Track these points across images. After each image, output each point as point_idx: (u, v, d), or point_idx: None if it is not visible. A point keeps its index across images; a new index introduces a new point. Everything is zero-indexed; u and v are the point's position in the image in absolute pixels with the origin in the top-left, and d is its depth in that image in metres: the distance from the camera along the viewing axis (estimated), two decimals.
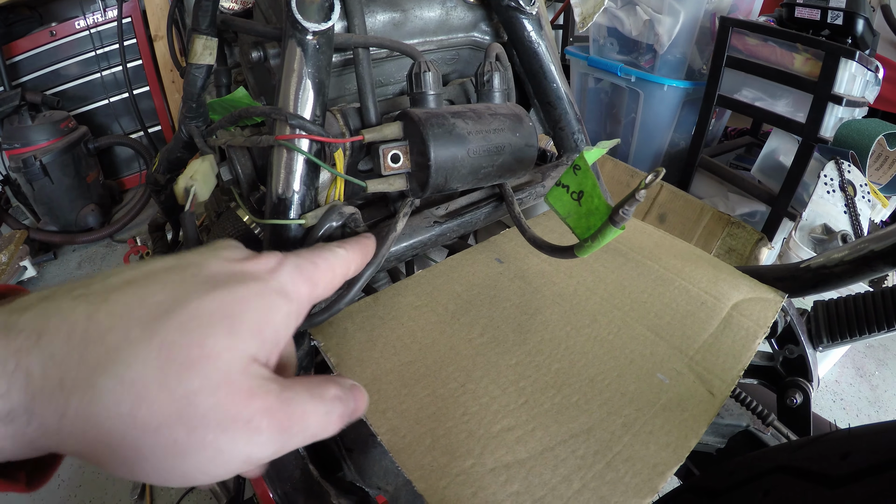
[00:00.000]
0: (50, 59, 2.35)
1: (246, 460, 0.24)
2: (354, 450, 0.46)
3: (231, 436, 0.24)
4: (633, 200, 0.35)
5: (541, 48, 0.63)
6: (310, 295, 0.32)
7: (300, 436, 0.26)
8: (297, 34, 0.47)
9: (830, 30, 1.45)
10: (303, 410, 0.26)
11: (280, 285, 0.29)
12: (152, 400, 0.23)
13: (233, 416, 0.24)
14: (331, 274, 0.34)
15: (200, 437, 0.23)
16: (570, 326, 0.46)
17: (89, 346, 0.23)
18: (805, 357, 0.54)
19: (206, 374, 0.24)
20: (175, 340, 0.24)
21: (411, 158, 0.49)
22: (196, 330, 0.24)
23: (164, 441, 0.23)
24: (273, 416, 0.25)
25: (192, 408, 0.23)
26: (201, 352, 0.24)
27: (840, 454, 0.31)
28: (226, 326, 0.25)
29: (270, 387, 0.26)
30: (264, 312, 0.27)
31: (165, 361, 0.23)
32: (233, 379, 0.24)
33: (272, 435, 0.25)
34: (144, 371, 0.23)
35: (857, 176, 1.35)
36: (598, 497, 0.32)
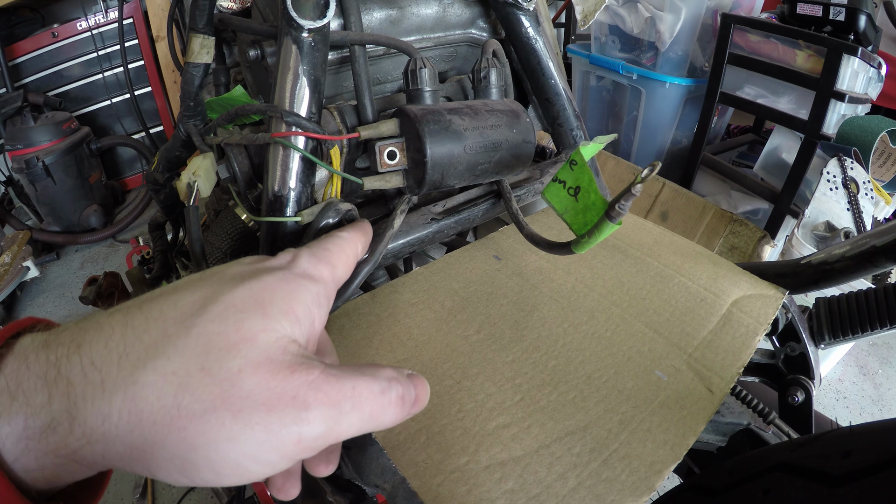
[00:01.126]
0: (52, 61, 2.36)
1: (298, 440, 0.23)
2: (352, 447, 0.46)
3: (278, 414, 0.23)
4: (629, 195, 0.34)
5: (538, 44, 0.62)
6: (332, 276, 0.32)
7: (354, 414, 0.25)
8: (293, 32, 0.47)
9: (832, 26, 1.44)
10: (353, 385, 0.25)
11: (302, 270, 0.30)
12: (195, 387, 0.23)
13: (278, 393, 0.23)
14: (344, 255, 0.35)
15: (247, 418, 0.22)
16: (567, 323, 0.45)
17: (128, 347, 0.24)
18: (807, 354, 0.54)
19: (245, 355, 0.24)
20: (212, 330, 0.24)
21: (408, 155, 0.48)
22: (231, 317, 0.25)
23: (212, 426, 0.22)
24: (319, 389, 0.24)
25: (235, 389, 0.23)
26: (238, 336, 0.24)
27: (841, 452, 0.31)
28: (259, 310, 0.26)
29: (313, 363, 0.25)
30: (293, 294, 0.28)
31: (204, 349, 0.23)
32: (273, 357, 0.24)
33: (321, 410, 0.24)
34: (184, 361, 0.23)
35: (860, 173, 1.34)
36: (594, 495, 0.32)
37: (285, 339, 0.25)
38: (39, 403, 0.22)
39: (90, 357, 0.23)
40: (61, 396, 0.22)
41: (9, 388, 0.22)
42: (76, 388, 0.22)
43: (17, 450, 0.22)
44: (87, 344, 0.24)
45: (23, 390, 0.22)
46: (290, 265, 0.30)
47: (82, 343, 0.24)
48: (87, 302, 1.01)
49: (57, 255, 2.28)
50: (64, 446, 0.22)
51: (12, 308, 1.99)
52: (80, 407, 0.22)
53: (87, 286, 1.02)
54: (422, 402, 0.29)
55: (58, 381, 0.23)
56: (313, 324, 0.28)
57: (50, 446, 0.22)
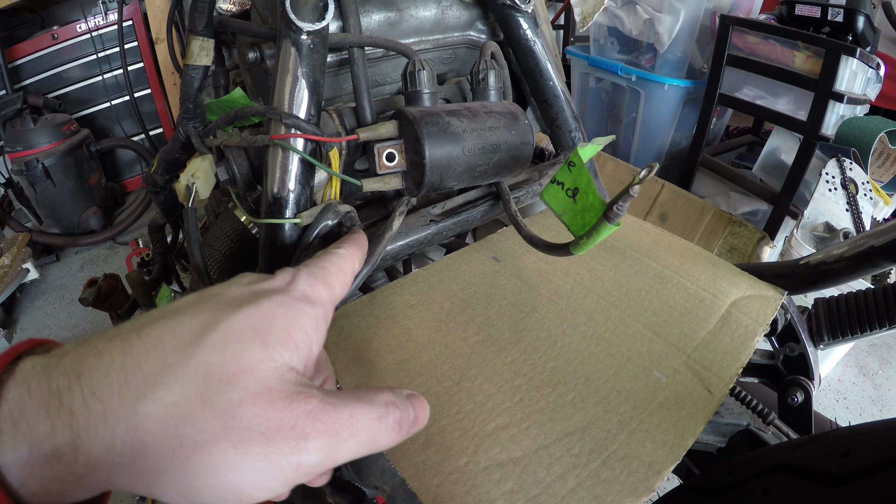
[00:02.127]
0: (52, 63, 2.36)
1: (296, 468, 0.24)
2: None
3: (278, 444, 0.23)
4: (627, 196, 0.34)
5: (537, 46, 0.63)
6: (330, 296, 0.32)
7: (352, 441, 0.26)
8: (292, 34, 0.47)
9: (831, 27, 1.44)
10: (350, 414, 0.26)
11: (301, 293, 0.30)
12: (196, 417, 0.23)
13: (276, 424, 0.24)
14: (342, 273, 0.35)
15: (247, 449, 0.23)
16: (566, 324, 0.45)
17: (128, 378, 0.24)
18: (806, 355, 0.54)
19: (244, 387, 0.24)
20: (211, 360, 0.25)
21: (406, 157, 0.48)
22: (230, 347, 0.25)
23: (214, 457, 0.23)
24: (317, 419, 0.25)
25: (235, 420, 0.23)
26: (237, 367, 0.25)
27: (841, 452, 0.31)
28: (258, 339, 0.26)
29: (311, 392, 0.26)
30: (292, 319, 0.28)
31: (204, 380, 0.24)
32: (272, 387, 0.25)
33: (319, 440, 0.24)
34: (185, 392, 0.24)
35: (859, 173, 1.34)
36: (593, 496, 0.32)
37: (283, 367, 0.26)
38: (43, 433, 0.23)
39: (91, 387, 0.23)
40: (64, 427, 0.23)
41: (12, 415, 0.23)
42: (79, 420, 0.23)
43: (23, 476, 0.23)
44: (87, 373, 0.24)
45: (26, 419, 0.23)
46: (288, 288, 0.30)
47: (82, 372, 0.24)
48: (87, 304, 1.01)
49: (56, 257, 2.28)
50: (69, 473, 0.23)
51: (12, 310, 1.99)
52: (84, 438, 0.23)
53: (86, 288, 1.02)
54: (420, 422, 0.29)
55: (60, 411, 0.23)
56: (311, 348, 0.29)
57: (55, 474, 0.23)
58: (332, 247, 0.38)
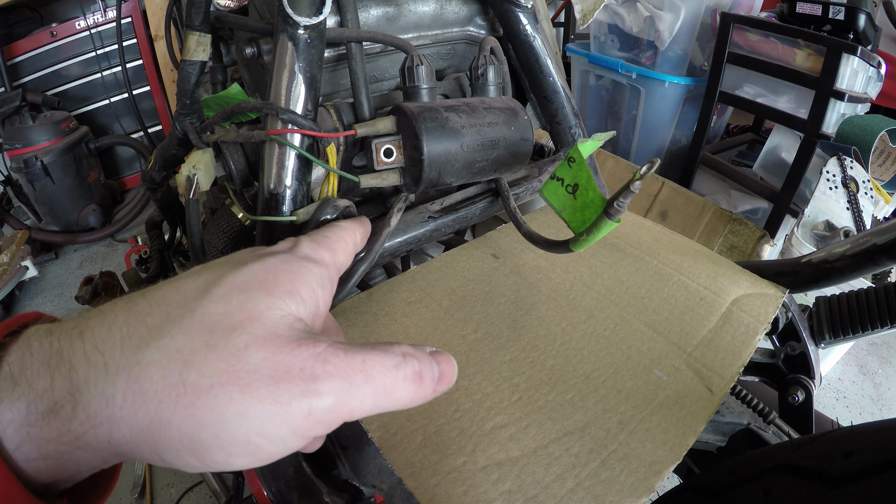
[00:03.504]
0: (51, 60, 2.36)
1: (308, 413, 0.23)
2: (349, 447, 0.46)
3: (287, 386, 0.22)
4: (627, 192, 0.34)
5: (536, 42, 0.62)
6: (333, 260, 0.32)
7: (366, 387, 0.24)
8: (289, 29, 0.46)
9: (832, 25, 1.44)
10: (363, 359, 0.24)
11: (304, 253, 0.30)
12: (200, 363, 0.22)
13: (285, 366, 0.23)
14: (343, 242, 0.35)
15: (255, 392, 0.22)
16: (565, 322, 0.45)
17: (131, 330, 0.23)
18: (807, 354, 0.53)
19: (251, 332, 0.23)
20: (216, 310, 0.24)
21: (404, 153, 0.48)
22: (235, 298, 0.25)
23: (220, 402, 0.22)
24: (327, 361, 0.24)
25: (242, 363, 0.22)
26: (243, 315, 0.24)
27: (842, 453, 0.30)
28: (263, 290, 0.26)
29: (320, 338, 0.25)
30: (296, 274, 0.28)
31: (209, 328, 0.23)
32: (279, 333, 0.24)
33: (331, 382, 0.23)
34: (189, 339, 0.23)
35: (860, 172, 1.33)
36: (593, 496, 0.32)
37: (291, 317, 0.25)
38: (42, 388, 0.22)
39: (93, 341, 0.23)
40: (63, 380, 0.22)
41: (12, 374, 0.22)
42: (79, 372, 0.22)
43: (19, 437, 0.22)
44: (90, 330, 0.23)
45: (25, 377, 0.22)
46: (291, 249, 0.30)
47: (85, 329, 0.23)
48: (83, 301, 1.00)
49: (55, 255, 2.28)
50: (67, 432, 0.22)
51: (11, 308, 1.98)
52: (83, 390, 0.22)
53: (83, 285, 1.01)
54: (447, 378, 0.28)
55: (60, 366, 0.22)
56: (318, 305, 0.28)
57: (53, 433, 0.22)
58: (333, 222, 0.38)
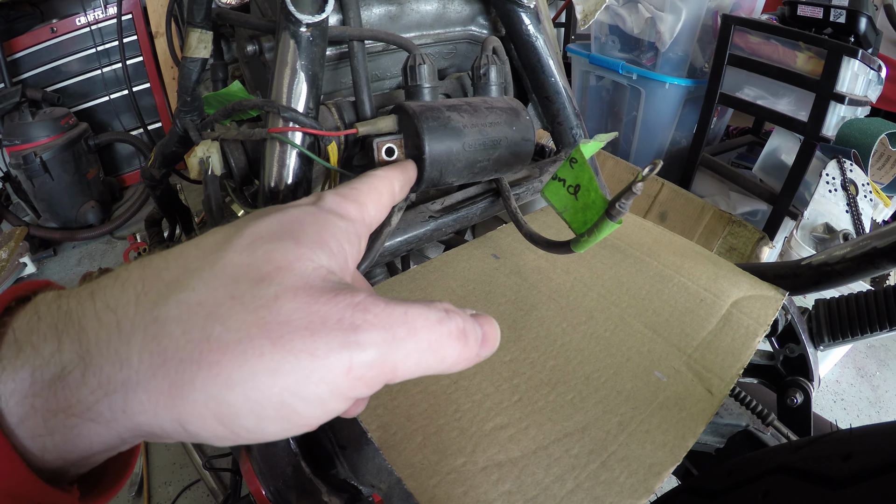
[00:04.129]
0: (51, 56, 2.35)
1: (349, 369, 0.20)
2: (348, 447, 0.46)
3: (324, 338, 0.20)
4: (629, 193, 0.34)
5: (539, 42, 0.62)
6: (360, 214, 0.29)
7: (410, 341, 0.22)
8: (291, 26, 0.46)
9: (833, 28, 1.44)
10: (405, 311, 0.22)
11: (328, 207, 0.27)
12: (226, 316, 0.20)
13: (322, 316, 0.20)
14: (375, 193, 0.31)
15: (289, 345, 0.20)
16: (566, 323, 0.45)
17: (146, 286, 0.21)
18: (806, 356, 0.53)
19: (281, 282, 0.21)
20: (240, 261, 0.22)
21: (406, 152, 0.48)
22: (260, 248, 0.22)
23: (249, 357, 0.19)
24: (368, 311, 0.21)
25: (273, 314, 0.20)
26: (271, 265, 0.22)
27: (842, 455, 0.30)
28: (291, 239, 0.23)
29: (358, 289, 0.22)
30: (323, 226, 0.25)
31: (233, 279, 0.21)
32: (312, 284, 0.21)
33: (372, 332, 0.21)
34: (211, 292, 0.21)
35: (860, 175, 1.34)
36: (593, 497, 0.32)
37: (323, 268, 0.23)
38: (49, 353, 0.20)
39: (105, 300, 0.21)
40: (72, 343, 0.20)
41: (17, 340, 0.20)
42: (89, 334, 0.20)
43: (23, 410, 0.20)
44: (101, 290, 0.21)
45: (31, 342, 0.20)
46: (315, 202, 0.28)
47: (96, 290, 0.21)
48: None
49: (54, 252, 2.27)
50: (77, 402, 0.20)
51: None
52: (94, 353, 0.20)
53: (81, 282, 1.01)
54: (491, 342, 0.25)
55: (69, 327, 0.20)
56: (346, 260, 0.26)
57: (60, 404, 0.20)
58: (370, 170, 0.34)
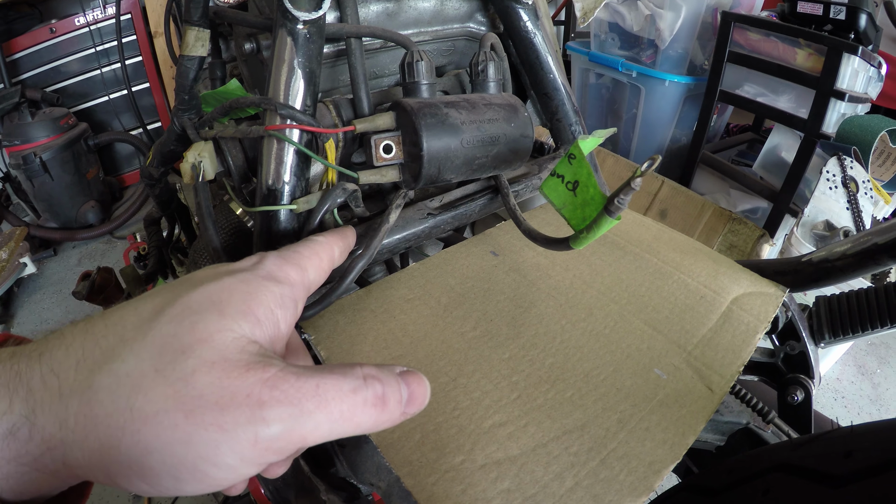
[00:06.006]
0: (50, 56, 2.35)
1: (254, 442, 0.22)
2: (347, 445, 0.46)
3: (232, 414, 0.22)
4: (628, 189, 0.34)
5: (537, 38, 0.62)
6: (301, 278, 0.31)
7: (319, 414, 0.23)
8: (288, 23, 0.46)
9: (833, 25, 1.44)
10: (317, 384, 0.24)
11: (266, 272, 0.29)
12: (148, 388, 0.22)
13: (231, 392, 0.22)
14: (316, 258, 0.34)
15: (199, 419, 0.22)
16: (565, 320, 0.45)
17: (86, 353, 0.24)
18: (806, 353, 0.53)
19: (199, 356, 0.23)
20: (167, 332, 0.24)
21: (404, 149, 0.48)
22: (187, 319, 0.25)
23: (165, 428, 0.22)
24: (276, 387, 0.23)
25: (187, 388, 0.22)
26: (193, 337, 0.24)
27: (843, 453, 0.30)
28: (215, 310, 0.25)
29: (272, 362, 0.24)
30: (252, 294, 0.27)
31: (159, 352, 0.23)
32: (228, 357, 0.24)
33: (278, 409, 0.22)
34: (138, 363, 0.23)
35: (860, 172, 1.33)
36: (592, 495, 0.31)
37: (243, 339, 0.25)
38: (1, 411, 0.22)
39: (50, 364, 0.23)
40: (21, 403, 0.22)
41: None
42: (35, 395, 0.23)
43: None
44: (48, 352, 0.24)
45: None
46: (253, 267, 0.30)
47: (44, 352, 0.24)
48: (80, 297, 1.00)
49: (54, 252, 2.27)
50: (25, 453, 0.22)
51: (9, 305, 1.98)
52: (39, 413, 0.22)
53: (80, 281, 1.01)
54: (417, 401, 0.27)
55: (19, 388, 0.23)
56: (278, 326, 0.28)
57: (11, 453, 0.22)
58: (312, 235, 0.37)
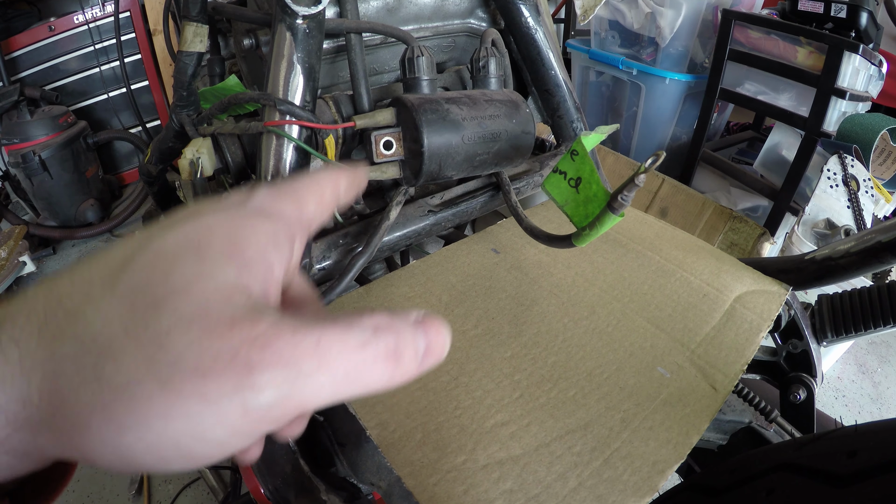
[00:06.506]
0: (48, 54, 2.34)
1: (244, 413, 0.19)
2: (347, 444, 0.45)
3: (215, 381, 0.18)
4: (632, 185, 0.33)
5: (538, 34, 0.61)
6: (297, 213, 0.26)
7: (321, 375, 0.19)
8: (287, 18, 0.45)
9: (834, 23, 1.43)
10: (317, 340, 0.20)
11: (255, 207, 0.25)
12: (118, 353, 0.19)
13: (212, 355, 0.19)
14: (317, 189, 0.28)
15: (178, 389, 0.18)
16: (567, 318, 0.44)
17: (48, 316, 0.20)
18: (809, 352, 0.53)
19: (175, 311, 0.19)
20: (138, 283, 0.20)
21: (404, 145, 0.47)
22: (159, 266, 0.20)
23: (138, 401, 0.18)
24: (267, 346, 0.19)
25: (162, 353, 0.19)
26: (167, 288, 0.20)
27: (847, 452, 0.30)
28: (193, 254, 0.21)
29: (262, 315, 0.20)
30: (237, 231, 0.23)
31: (129, 309, 0.19)
32: (210, 311, 0.20)
33: (270, 373, 0.19)
34: (106, 325, 0.19)
35: (861, 170, 1.33)
36: (595, 496, 0.31)
37: (228, 287, 0.21)
38: None
39: (10, 334, 0.20)
40: None
41: None
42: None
43: None
44: (9, 319, 0.20)
45: None
46: (239, 203, 0.25)
47: (5, 319, 0.20)
48: None
49: (53, 250, 2.26)
50: None
51: None
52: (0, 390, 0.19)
53: None
54: (436, 352, 0.22)
55: None
56: (270, 269, 0.23)
57: None
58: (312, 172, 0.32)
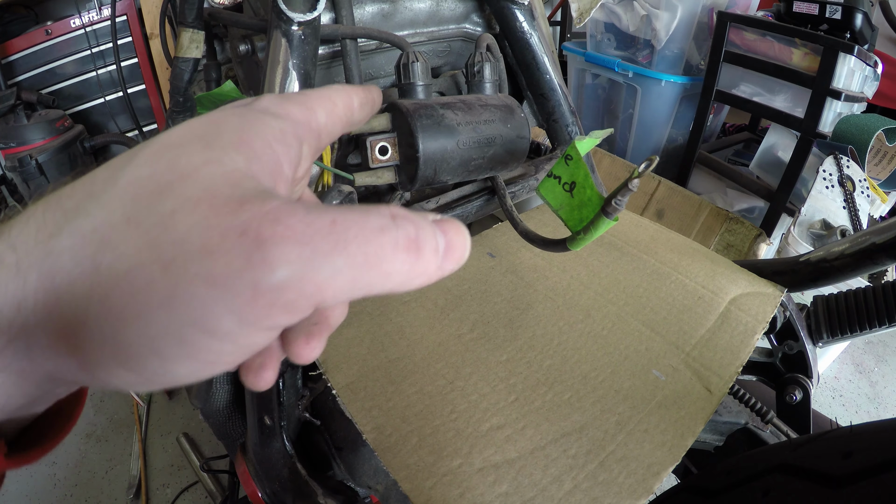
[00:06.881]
0: (45, 58, 2.34)
1: (254, 295, 0.17)
2: (344, 448, 0.45)
3: (223, 258, 0.16)
4: (626, 190, 0.33)
5: (533, 39, 0.62)
6: (306, 118, 0.24)
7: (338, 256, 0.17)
8: (283, 25, 0.46)
9: (829, 24, 1.44)
10: (332, 219, 0.18)
11: (263, 107, 0.23)
12: (118, 241, 0.17)
13: (221, 231, 0.17)
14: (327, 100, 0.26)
15: (181, 270, 0.16)
16: (562, 322, 0.44)
17: (47, 218, 0.19)
18: (805, 353, 0.53)
19: (180, 194, 0.18)
20: (142, 174, 0.19)
21: (400, 150, 0.47)
22: (165, 156, 0.19)
23: (139, 288, 0.17)
24: (279, 221, 0.17)
25: (166, 233, 0.17)
26: (173, 174, 0.19)
27: (842, 453, 0.30)
28: (200, 142, 0.20)
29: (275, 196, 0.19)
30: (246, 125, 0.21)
31: (133, 198, 0.18)
32: (217, 192, 0.18)
33: (283, 247, 0.17)
34: (108, 215, 0.18)
35: (856, 171, 1.34)
36: (591, 498, 0.31)
37: (236, 172, 0.19)
38: None
39: (9, 240, 0.19)
40: None
41: None
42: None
43: None
44: (7, 229, 0.19)
45: None
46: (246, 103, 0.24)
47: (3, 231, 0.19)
48: None
49: None
50: None
51: None
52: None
53: None
54: (458, 252, 0.20)
55: None
56: (280, 164, 0.22)
57: None
58: None
